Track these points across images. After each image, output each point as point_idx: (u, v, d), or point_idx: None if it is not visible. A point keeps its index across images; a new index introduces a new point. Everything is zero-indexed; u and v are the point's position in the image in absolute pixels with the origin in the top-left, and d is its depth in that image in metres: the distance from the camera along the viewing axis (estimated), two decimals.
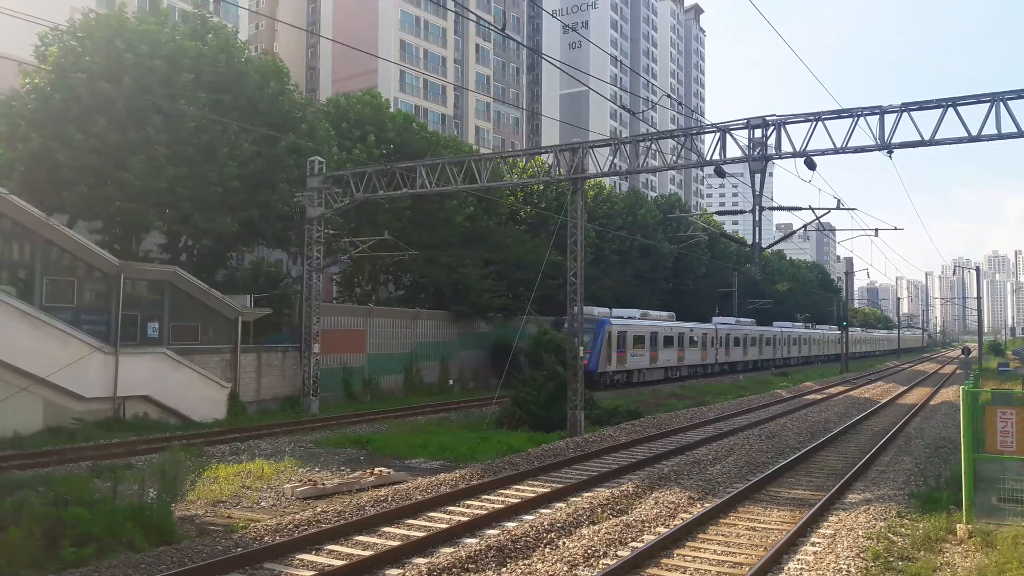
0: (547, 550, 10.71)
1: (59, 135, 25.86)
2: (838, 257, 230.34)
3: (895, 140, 19.79)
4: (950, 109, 19.26)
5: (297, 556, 10.51)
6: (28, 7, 22.13)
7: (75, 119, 26.08)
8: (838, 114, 20.42)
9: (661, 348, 46.25)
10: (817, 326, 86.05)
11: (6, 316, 20.35)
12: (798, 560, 10.57)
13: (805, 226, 32.48)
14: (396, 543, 10.91)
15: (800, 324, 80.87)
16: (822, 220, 30.42)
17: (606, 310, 42.98)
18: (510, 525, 12.06)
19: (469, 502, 13.77)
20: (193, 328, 26.41)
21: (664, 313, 49.83)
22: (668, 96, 24.50)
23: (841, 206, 30.93)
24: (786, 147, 20.77)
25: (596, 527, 11.82)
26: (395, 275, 40.98)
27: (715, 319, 60.74)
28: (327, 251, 30.75)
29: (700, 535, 11.77)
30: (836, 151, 20.41)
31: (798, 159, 20.86)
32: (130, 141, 26.52)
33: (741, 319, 63.81)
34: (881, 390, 43.75)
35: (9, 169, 26.26)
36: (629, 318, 43.69)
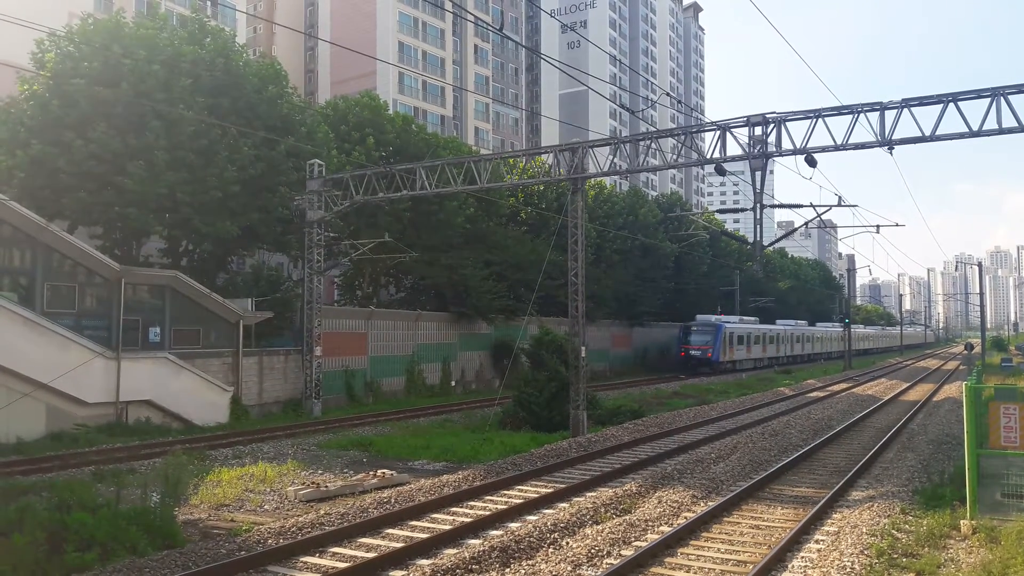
0: (551, 550, 10.69)
1: (58, 141, 25.90)
2: (840, 254, 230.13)
3: (896, 136, 19.79)
4: (951, 104, 19.25)
5: (301, 558, 10.51)
6: (25, 13, 22.17)
7: (74, 125, 26.12)
8: (838, 111, 20.41)
9: (752, 344, 60.65)
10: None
11: (8, 322, 20.37)
12: (802, 558, 10.54)
13: (806, 223, 32.47)
14: (399, 544, 10.90)
15: (837, 324, 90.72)
16: (823, 217, 30.47)
17: (719, 317, 57.29)
18: (513, 526, 12.04)
19: (472, 503, 13.75)
20: (194, 332, 26.43)
21: (752, 319, 64.15)
22: (668, 95, 24.48)
23: (842, 203, 30.98)
24: (786, 144, 20.76)
25: (599, 527, 11.80)
26: (396, 277, 40.99)
27: (778, 321, 72.02)
28: (327, 254, 30.76)
29: (704, 534, 11.75)
30: (837, 148, 20.41)
31: (799, 156, 20.86)
32: (129, 146, 26.55)
33: (799, 321, 76.75)
34: (884, 387, 43.68)
35: (9, 175, 26.30)
36: (733, 323, 57.82)
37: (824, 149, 20.55)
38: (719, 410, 29.75)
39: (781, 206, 30.18)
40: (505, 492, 14.63)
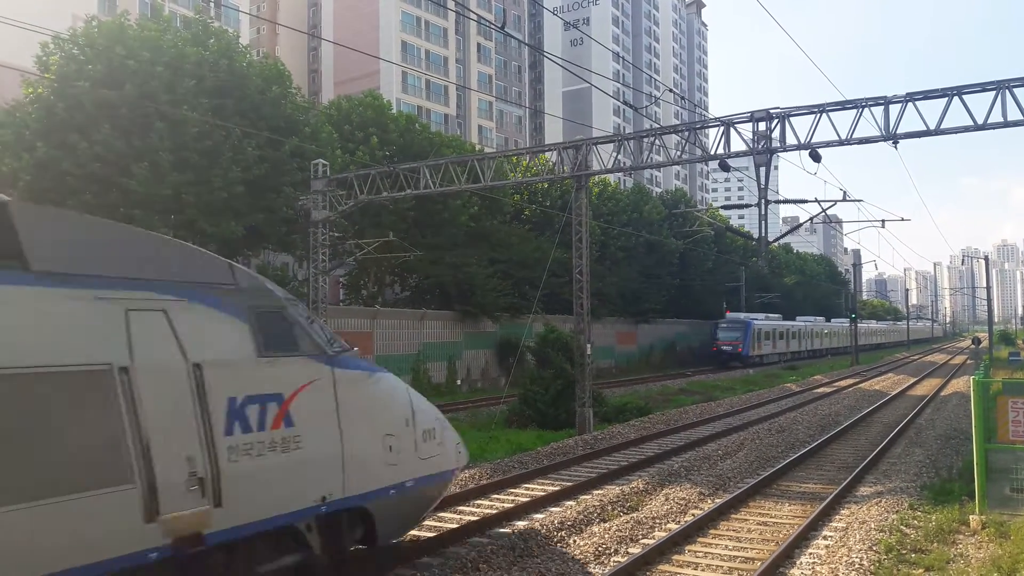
0: (558, 548, 10.68)
1: (63, 144, 25.97)
2: (845, 249, 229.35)
3: (900, 130, 19.70)
4: (955, 98, 19.14)
5: None
6: (29, 16, 22.23)
7: (79, 127, 26.18)
8: (842, 105, 20.32)
9: (777, 340, 65.17)
10: (866, 321, 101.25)
11: None
12: (810, 554, 10.51)
13: (811, 219, 32.35)
14: (406, 544, 10.89)
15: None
16: (828, 212, 30.33)
17: (748, 315, 61.66)
18: (520, 524, 12.03)
19: (479, 501, 13.75)
20: None
21: (776, 315, 67.94)
22: (671, 91, 24.47)
23: (847, 198, 30.83)
24: (791, 140, 20.68)
25: (607, 524, 11.79)
26: (401, 276, 41.03)
27: (798, 318, 75.50)
28: (332, 254, 30.77)
29: (711, 531, 11.72)
30: (841, 143, 20.32)
31: (803, 151, 20.79)
32: (134, 148, 26.61)
33: (817, 318, 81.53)
34: (891, 382, 43.56)
35: (14, 178, 26.39)
36: (760, 320, 62.30)
37: (828, 144, 20.47)
38: (725, 407, 29.69)
39: (786, 202, 30.08)
40: (512, 490, 14.63)
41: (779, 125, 20.70)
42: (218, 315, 7.07)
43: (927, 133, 19.43)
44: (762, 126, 20.81)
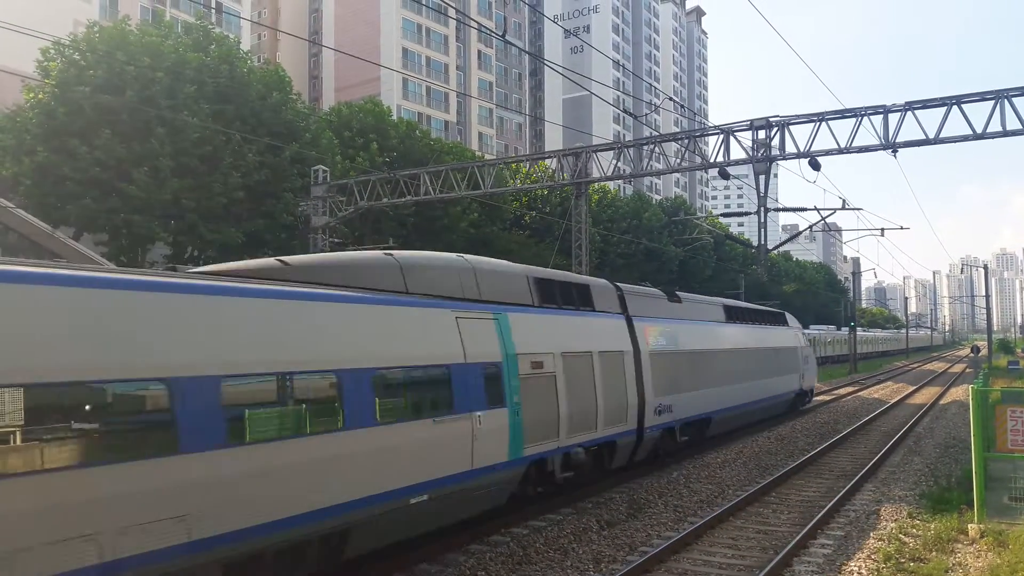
0: (556, 556, 10.66)
1: (63, 148, 26.03)
2: (845, 257, 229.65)
3: (899, 139, 19.79)
4: (954, 107, 19.22)
5: None
6: (31, 22, 22.30)
7: (79, 132, 26.25)
8: (842, 114, 20.40)
9: None
10: (869, 330, 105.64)
11: None
12: (808, 562, 10.49)
13: (811, 227, 32.40)
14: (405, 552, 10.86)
15: (864, 328, 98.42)
16: (828, 220, 30.39)
17: None
18: (518, 531, 12.01)
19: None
20: None
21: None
22: (671, 99, 24.53)
23: (846, 206, 30.89)
24: (790, 148, 20.76)
25: (606, 532, 11.77)
26: None
27: (812, 326, 77.86)
28: None
29: (709, 538, 11.70)
30: (840, 151, 20.40)
31: (802, 160, 20.87)
32: (134, 153, 26.66)
33: (829, 326, 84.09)
34: (890, 390, 43.51)
35: (15, 183, 26.43)
36: None
37: (828, 152, 20.55)
38: None
39: (785, 210, 30.15)
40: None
41: (779, 133, 20.77)
42: (803, 334, 30.44)
43: (926, 142, 19.50)
44: (761, 134, 20.89)
